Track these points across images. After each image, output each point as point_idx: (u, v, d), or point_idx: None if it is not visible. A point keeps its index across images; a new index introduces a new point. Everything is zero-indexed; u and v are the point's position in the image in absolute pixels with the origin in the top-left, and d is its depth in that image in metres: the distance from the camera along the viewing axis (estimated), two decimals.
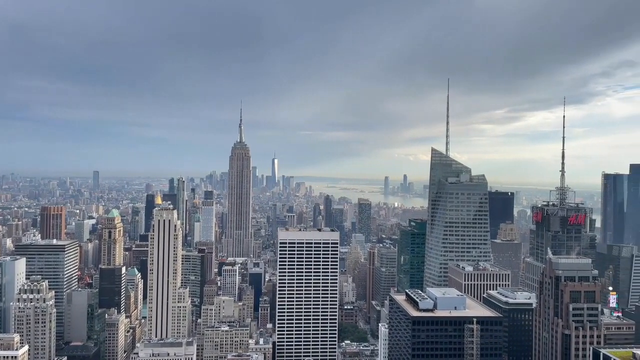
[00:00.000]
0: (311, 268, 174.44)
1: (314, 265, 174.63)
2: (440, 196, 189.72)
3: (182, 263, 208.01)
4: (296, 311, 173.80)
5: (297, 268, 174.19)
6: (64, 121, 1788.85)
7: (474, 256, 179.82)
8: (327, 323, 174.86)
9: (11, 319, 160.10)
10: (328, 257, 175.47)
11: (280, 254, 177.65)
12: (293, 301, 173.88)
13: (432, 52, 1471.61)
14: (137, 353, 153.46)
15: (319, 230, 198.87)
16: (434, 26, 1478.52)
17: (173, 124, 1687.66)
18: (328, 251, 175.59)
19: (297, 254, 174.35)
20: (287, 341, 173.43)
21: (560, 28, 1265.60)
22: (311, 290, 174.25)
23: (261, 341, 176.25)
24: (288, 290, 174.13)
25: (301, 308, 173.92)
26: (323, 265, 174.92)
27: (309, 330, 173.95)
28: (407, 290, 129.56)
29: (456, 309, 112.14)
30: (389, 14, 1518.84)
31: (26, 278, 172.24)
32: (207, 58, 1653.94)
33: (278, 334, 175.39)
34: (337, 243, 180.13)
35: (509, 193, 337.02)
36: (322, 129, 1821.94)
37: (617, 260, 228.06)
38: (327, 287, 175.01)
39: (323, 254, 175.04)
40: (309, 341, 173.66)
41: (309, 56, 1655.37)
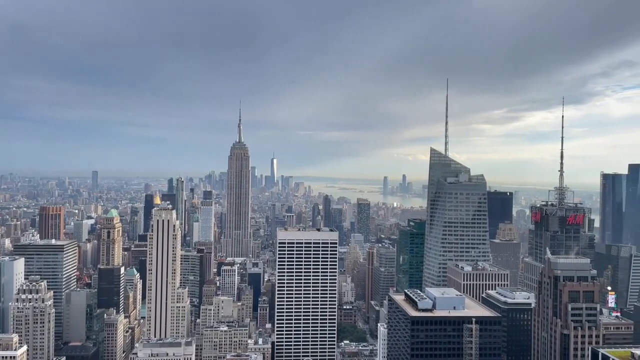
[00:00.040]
0: (310, 268, 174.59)
1: (313, 265, 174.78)
2: (439, 196, 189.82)
3: (181, 263, 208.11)
4: (295, 311, 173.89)
5: (296, 268, 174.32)
6: (63, 121, 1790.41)
7: (473, 256, 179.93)
8: (326, 323, 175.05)
9: (10, 319, 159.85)
10: (327, 257, 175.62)
11: (279, 254, 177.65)
12: (292, 301, 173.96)
13: (432, 52, 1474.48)
14: (136, 353, 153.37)
15: (318, 230, 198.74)
16: (434, 26, 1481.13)
17: (172, 124, 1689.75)
18: (327, 251, 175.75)
19: (296, 254, 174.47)
20: (286, 341, 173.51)
21: (559, 28, 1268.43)
22: (310, 290, 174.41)
23: (260, 341, 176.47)
24: (287, 290, 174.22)
25: (300, 308, 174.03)
26: (322, 265, 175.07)
27: (308, 330, 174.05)
28: (406, 290, 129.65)
29: (455, 309, 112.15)
30: (389, 14, 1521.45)
31: (25, 278, 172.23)
32: (207, 58, 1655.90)
33: (277, 334, 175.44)
34: (336, 243, 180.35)
35: (508, 193, 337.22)
36: (321, 129, 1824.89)
37: (616, 260, 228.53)
38: (326, 287, 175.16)
39: (322, 254, 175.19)
40: (308, 341, 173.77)
41: (309, 56, 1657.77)
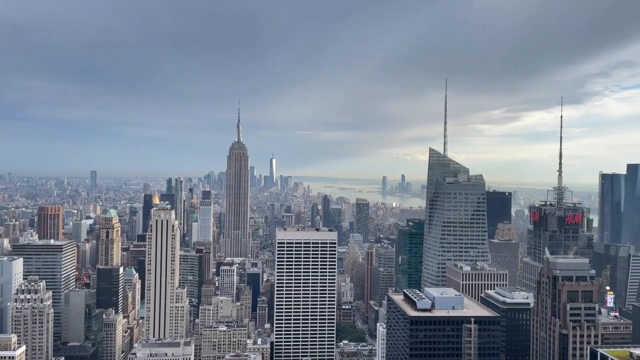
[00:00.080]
0: (309, 268, 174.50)
1: (312, 265, 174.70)
2: (438, 196, 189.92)
3: (180, 263, 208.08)
4: (294, 311, 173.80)
5: (295, 268, 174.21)
6: (63, 121, 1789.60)
7: (472, 256, 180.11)
8: (325, 323, 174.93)
9: (8, 319, 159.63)
10: (326, 257, 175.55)
11: (278, 254, 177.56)
12: (291, 301, 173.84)
13: (431, 53, 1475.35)
14: (135, 353, 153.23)
15: (317, 230, 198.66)
16: (433, 26, 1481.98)
17: (171, 124, 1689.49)
18: (326, 251, 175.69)
19: (295, 254, 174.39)
20: (285, 341, 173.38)
21: (558, 28, 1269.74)
22: (309, 290, 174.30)
23: (259, 341, 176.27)
24: (286, 290, 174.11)
25: (299, 308, 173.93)
26: (321, 265, 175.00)
27: (307, 330, 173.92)
28: (405, 290, 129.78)
29: (454, 309, 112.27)
30: (388, 14, 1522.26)
31: (23, 278, 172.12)
32: (207, 58, 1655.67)
33: (276, 334, 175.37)
34: (335, 243, 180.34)
35: (507, 193, 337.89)
36: (321, 129, 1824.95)
37: (615, 260, 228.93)
38: (325, 287, 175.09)
39: (321, 254, 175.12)
40: (307, 341, 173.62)
41: (308, 56, 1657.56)
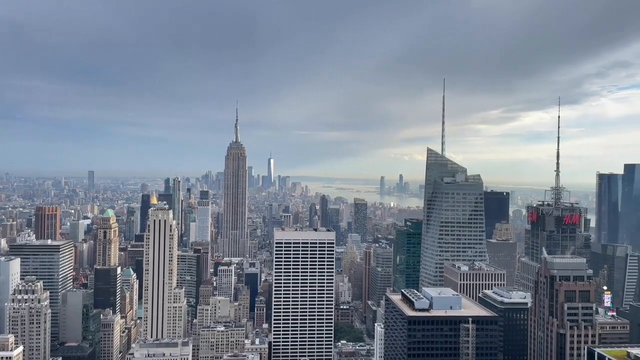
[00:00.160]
0: (307, 268, 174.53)
1: (310, 265, 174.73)
2: (435, 196, 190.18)
3: (178, 263, 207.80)
4: (292, 311, 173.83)
5: (293, 268, 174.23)
6: (62, 121, 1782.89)
7: (470, 256, 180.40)
8: (323, 323, 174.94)
9: (6, 320, 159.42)
10: (324, 257, 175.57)
11: (276, 254, 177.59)
12: (289, 301, 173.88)
13: (429, 53, 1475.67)
14: (133, 354, 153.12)
15: (315, 230, 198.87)
16: (431, 27, 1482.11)
17: (171, 124, 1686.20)
18: (324, 251, 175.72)
19: (293, 254, 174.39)
20: (283, 341, 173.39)
21: (555, 29, 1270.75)
22: (307, 290, 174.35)
23: (257, 341, 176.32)
24: (284, 290, 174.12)
25: (297, 308, 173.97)
26: (319, 265, 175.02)
27: (305, 330, 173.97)
28: (403, 290, 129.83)
29: (452, 309, 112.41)
30: (387, 14, 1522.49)
31: (21, 278, 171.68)
32: (206, 58, 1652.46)
33: (274, 334, 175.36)
34: (333, 243, 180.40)
35: (505, 193, 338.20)
36: (319, 129, 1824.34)
37: (612, 259, 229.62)
38: (323, 287, 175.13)
39: (319, 254, 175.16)
40: (305, 341, 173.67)
41: (307, 56, 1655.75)
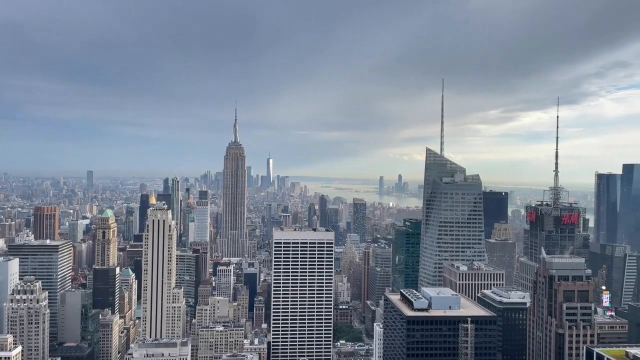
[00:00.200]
0: (306, 268, 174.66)
1: (309, 265, 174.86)
2: (434, 196, 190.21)
3: (177, 263, 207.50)
4: (291, 311, 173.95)
5: (292, 268, 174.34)
6: (62, 121, 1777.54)
7: (469, 256, 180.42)
8: (322, 323, 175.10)
9: (4, 320, 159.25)
10: (323, 257, 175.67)
11: (275, 254, 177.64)
12: (288, 301, 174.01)
13: (428, 53, 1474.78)
14: (132, 354, 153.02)
15: (314, 230, 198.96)
16: (431, 27, 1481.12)
17: (171, 124, 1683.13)
18: (323, 251, 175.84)
19: (292, 254, 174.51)
20: (282, 341, 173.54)
21: (554, 29, 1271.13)
22: (306, 290, 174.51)
23: (256, 341, 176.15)
24: (283, 290, 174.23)
25: (296, 308, 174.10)
26: (318, 265, 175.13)
27: (304, 330, 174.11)
28: (402, 289, 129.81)
29: (451, 309, 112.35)
30: (387, 15, 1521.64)
31: (19, 278, 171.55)
32: (206, 58, 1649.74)
33: (273, 334, 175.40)
34: (332, 243, 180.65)
35: (503, 193, 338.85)
36: (318, 129, 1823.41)
37: (610, 259, 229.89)
38: (322, 287, 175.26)
39: (318, 254, 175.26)
40: (304, 341, 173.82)
41: (306, 56, 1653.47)
